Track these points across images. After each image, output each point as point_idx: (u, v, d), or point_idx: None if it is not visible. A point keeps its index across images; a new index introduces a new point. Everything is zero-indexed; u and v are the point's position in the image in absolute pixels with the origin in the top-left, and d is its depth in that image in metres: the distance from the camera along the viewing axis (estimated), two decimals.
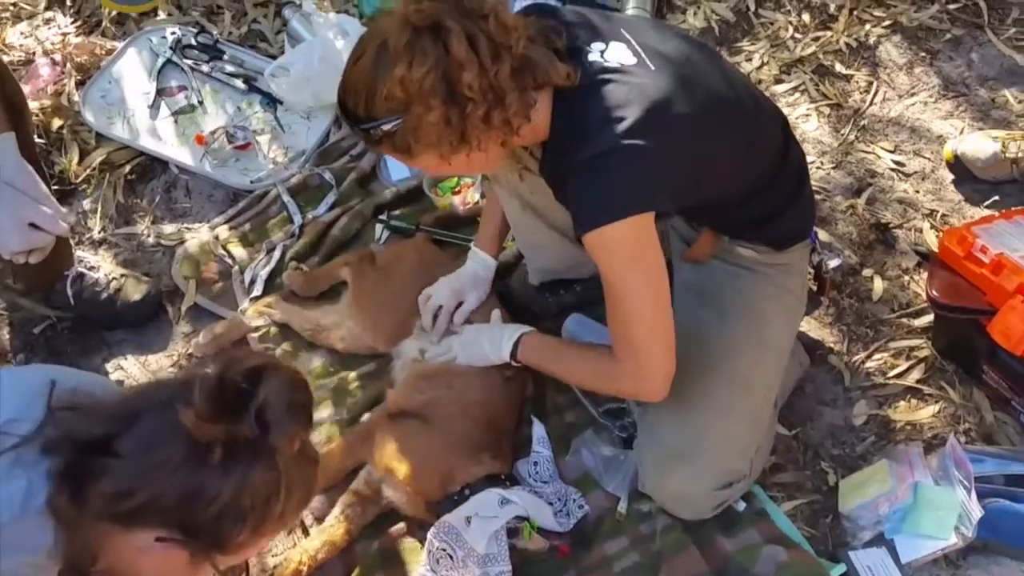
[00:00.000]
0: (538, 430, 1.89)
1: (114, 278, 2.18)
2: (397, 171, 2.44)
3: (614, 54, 1.55)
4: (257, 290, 2.23)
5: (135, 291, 2.18)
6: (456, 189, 2.36)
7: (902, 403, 1.96)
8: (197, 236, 2.36)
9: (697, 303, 1.79)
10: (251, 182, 2.44)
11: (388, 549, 1.78)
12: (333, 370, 2.09)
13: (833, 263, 2.06)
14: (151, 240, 2.37)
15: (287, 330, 2.15)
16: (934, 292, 1.86)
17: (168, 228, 2.40)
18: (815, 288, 2.02)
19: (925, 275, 2.15)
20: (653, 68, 1.53)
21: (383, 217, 2.33)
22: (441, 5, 1.42)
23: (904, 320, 2.10)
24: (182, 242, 2.35)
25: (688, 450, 1.70)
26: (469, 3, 1.44)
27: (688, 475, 1.70)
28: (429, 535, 1.69)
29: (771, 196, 1.74)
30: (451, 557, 1.66)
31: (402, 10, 1.44)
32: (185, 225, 2.40)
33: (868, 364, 2.03)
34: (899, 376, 2.00)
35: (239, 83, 2.60)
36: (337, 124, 2.57)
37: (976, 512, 1.59)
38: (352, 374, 2.07)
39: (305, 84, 2.48)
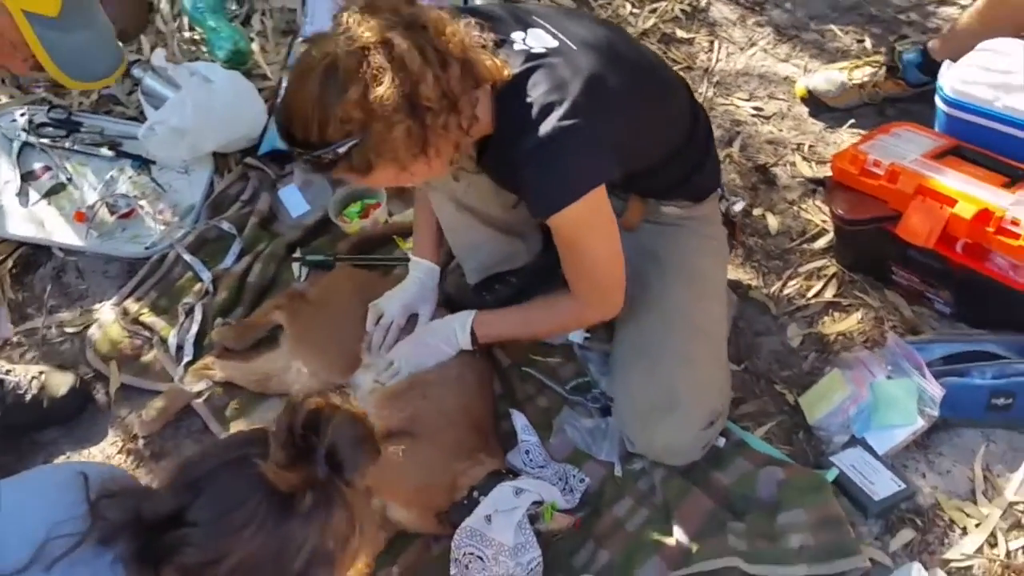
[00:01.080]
0: (519, 420, 1.93)
1: (34, 377, 2.04)
2: (295, 207, 2.42)
3: (535, 39, 1.63)
4: (188, 355, 2.14)
5: (60, 384, 2.05)
6: (363, 213, 2.35)
7: (827, 318, 2.14)
8: (103, 316, 2.24)
9: (638, 264, 1.88)
10: (146, 248, 2.34)
11: (411, 570, 1.78)
12: None
13: (738, 207, 2.20)
14: (54, 331, 2.23)
15: (232, 387, 2.08)
16: (839, 211, 2.04)
17: (68, 315, 2.26)
18: (728, 233, 2.17)
19: (812, 203, 2.35)
20: (575, 48, 1.62)
21: (297, 255, 2.30)
22: (383, 22, 1.44)
23: (805, 246, 2.28)
24: (88, 326, 2.23)
25: (667, 402, 1.78)
26: (409, 16, 1.47)
27: (673, 424, 1.78)
28: (452, 545, 1.70)
29: (689, 154, 1.87)
30: (481, 559, 1.67)
31: (343, 32, 1.45)
32: (85, 308, 2.28)
33: (786, 291, 2.20)
34: (817, 295, 2.18)
35: (105, 151, 2.49)
36: (219, 173, 2.51)
37: (938, 392, 1.77)
38: None
39: (179, 138, 2.40)
